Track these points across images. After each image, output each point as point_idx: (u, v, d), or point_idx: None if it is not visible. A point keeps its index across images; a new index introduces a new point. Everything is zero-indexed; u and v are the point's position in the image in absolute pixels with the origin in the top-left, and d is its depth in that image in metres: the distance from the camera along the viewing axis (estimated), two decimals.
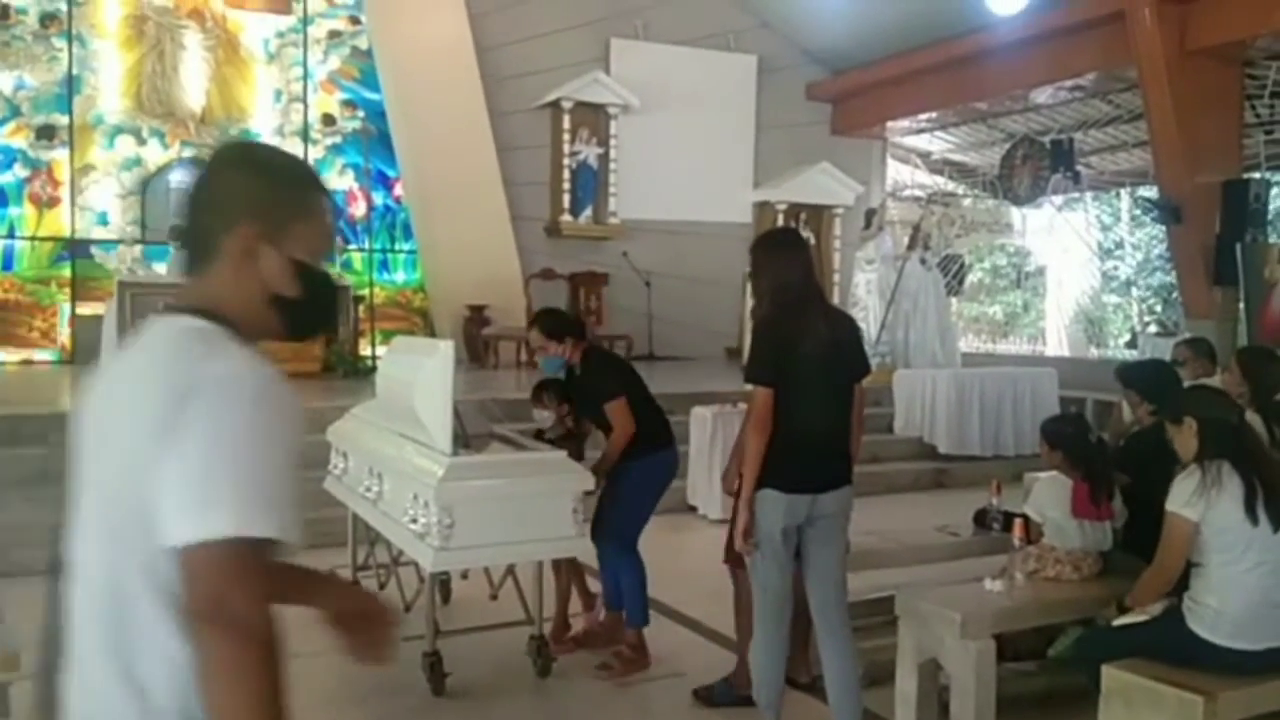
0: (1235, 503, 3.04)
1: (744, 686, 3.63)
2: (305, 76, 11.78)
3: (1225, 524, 3.04)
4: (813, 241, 13.82)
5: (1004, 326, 19.27)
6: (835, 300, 13.52)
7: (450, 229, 11.40)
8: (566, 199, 12.25)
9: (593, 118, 12.40)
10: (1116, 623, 3.29)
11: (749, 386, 3.30)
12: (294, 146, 11.66)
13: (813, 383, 3.20)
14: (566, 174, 12.24)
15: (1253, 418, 3.81)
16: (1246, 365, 4.34)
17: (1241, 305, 9.82)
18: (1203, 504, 3.07)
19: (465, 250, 11.33)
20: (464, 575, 4.58)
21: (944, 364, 9.70)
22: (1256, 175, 10.46)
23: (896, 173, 15.05)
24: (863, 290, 10.09)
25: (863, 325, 10.04)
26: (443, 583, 4.81)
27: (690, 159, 12.69)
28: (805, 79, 13.91)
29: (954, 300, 12.62)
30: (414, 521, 3.70)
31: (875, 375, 9.49)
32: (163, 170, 11.09)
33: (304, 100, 11.78)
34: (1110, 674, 3.07)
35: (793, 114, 13.74)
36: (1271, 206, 11.28)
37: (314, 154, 11.79)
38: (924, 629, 3.65)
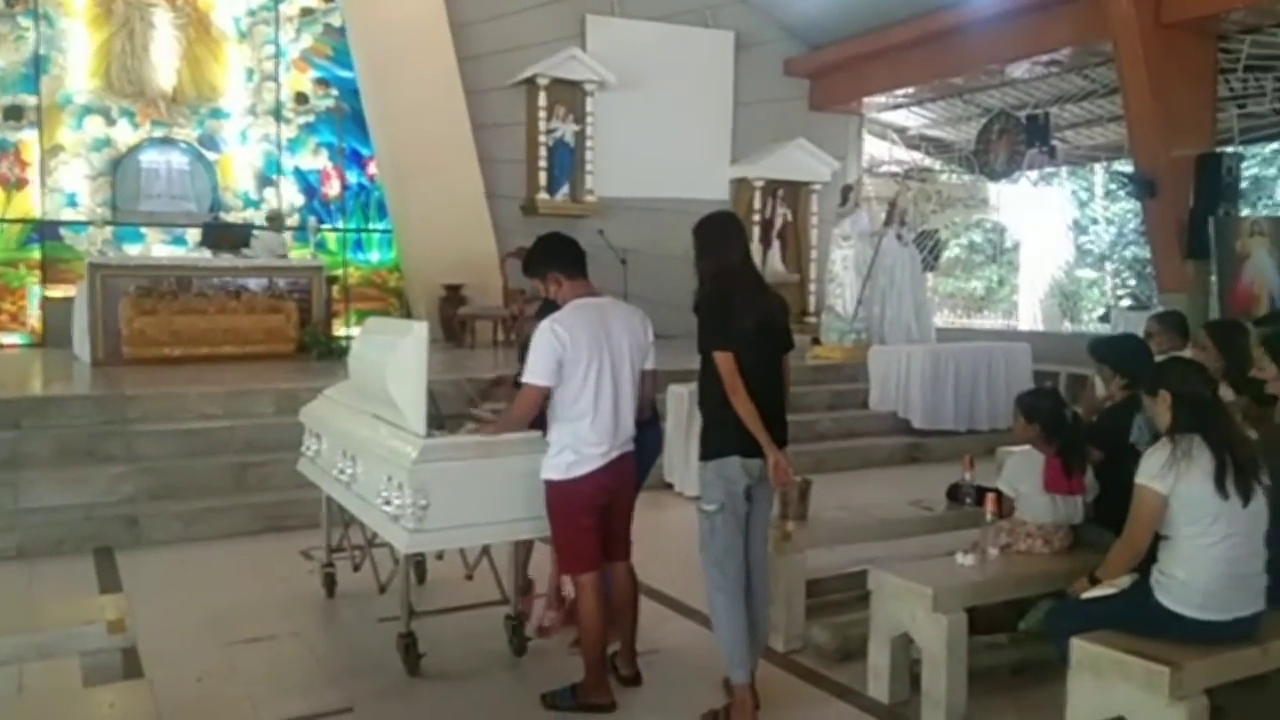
0: (1205, 476, 3.05)
1: (588, 695, 3.57)
2: (277, 55, 11.63)
3: (1194, 497, 3.06)
4: (790, 218, 13.85)
5: (980, 301, 19.37)
6: (813, 276, 13.64)
7: (425, 208, 11.32)
8: (543, 177, 12.17)
9: (569, 95, 12.31)
10: (1086, 595, 3.31)
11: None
12: (266, 125, 11.57)
13: (756, 355, 3.46)
14: (543, 152, 12.15)
15: (1225, 391, 3.85)
16: (1217, 338, 4.38)
17: (1214, 278, 9.90)
18: (1172, 477, 3.08)
19: (440, 229, 11.26)
20: (439, 556, 4.56)
21: (919, 339, 9.74)
22: (1229, 149, 10.51)
23: (873, 148, 15.03)
24: (839, 266, 10.08)
25: (839, 301, 10.09)
26: (418, 564, 4.80)
27: (667, 136, 12.63)
28: (782, 54, 13.85)
29: (930, 276, 12.65)
30: (388, 504, 3.69)
31: (851, 351, 9.67)
32: (133, 151, 10.95)
33: (276, 79, 11.63)
34: (1079, 646, 3.10)
35: (770, 90, 13.69)
36: (1244, 180, 11.37)
37: (286, 133, 11.67)
38: (896, 603, 3.68)
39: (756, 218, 13.48)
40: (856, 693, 3.79)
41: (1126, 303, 14.15)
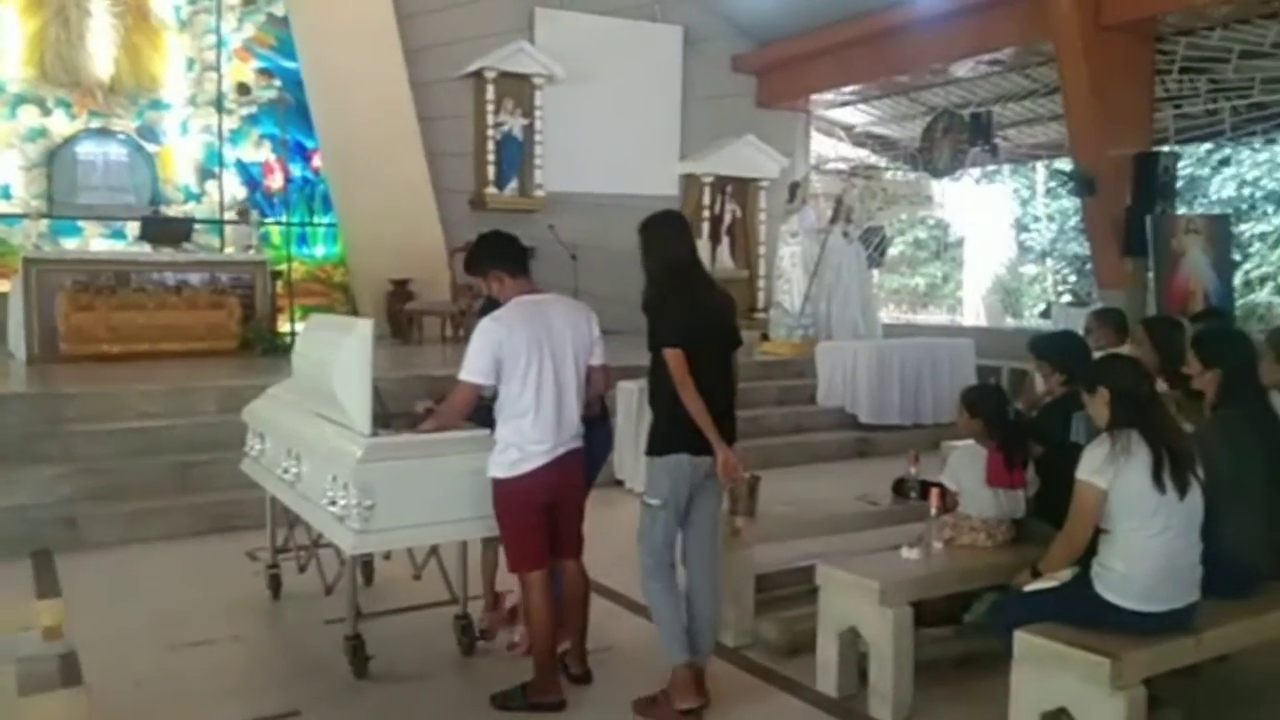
0: (1143, 471, 3.11)
1: (538, 694, 3.57)
2: (219, 44, 11.37)
3: (1133, 492, 3.12)
4: (739, 214, 13.91)
5: (924, 298, 19.66)
6: (761, 273, 13.71)
7: (371, 201, 11.17)
8: (491, 171, 12.08)
9: (517, 88, 12.23)
10: (1028, 588, 3.37)
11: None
12: (207, 116, 11.34)
13: (705, 352, 3.48)
14: (491, 145, 12.06)
15: (1161, 386, 3.94)
16: (1154, 335, 4.48)
17: (1151, 275, 10.13)
18: (1111, 472, 3.14)
19: (387, 223, 11.12)
20: (386, 556, 4.52)
21: (865, 335, 9.86)
22: (1166, 149, 10.76)
23: (820, 145, 15.15)
24: (787, 263, 10.17)
25: (787, 297, 10.17)
26: (365, 564, 4.75)
27: (616, 131, 12.61)
28: (731, 50, 13.89)
29: (875, 272, 12.79)
30: (333, 504, 3.64)
31: (799, 346, 9.75)
32: (70, 141, 10.64)
33: (218, 69, 11.39)
34: (1021, 638, 3.15)
35: (718, 86, 13.72)
36: (1180, 179, 11.64)
37: (229, 124, 11.44)
38: (844, 597, 3.72)
39: (706, 214, 13.52)
40: (805, 687, 3.82)
41: (1067, 299, 14.44)
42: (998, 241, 18.59)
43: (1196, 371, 3.68)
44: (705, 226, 13.45)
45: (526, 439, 3.49)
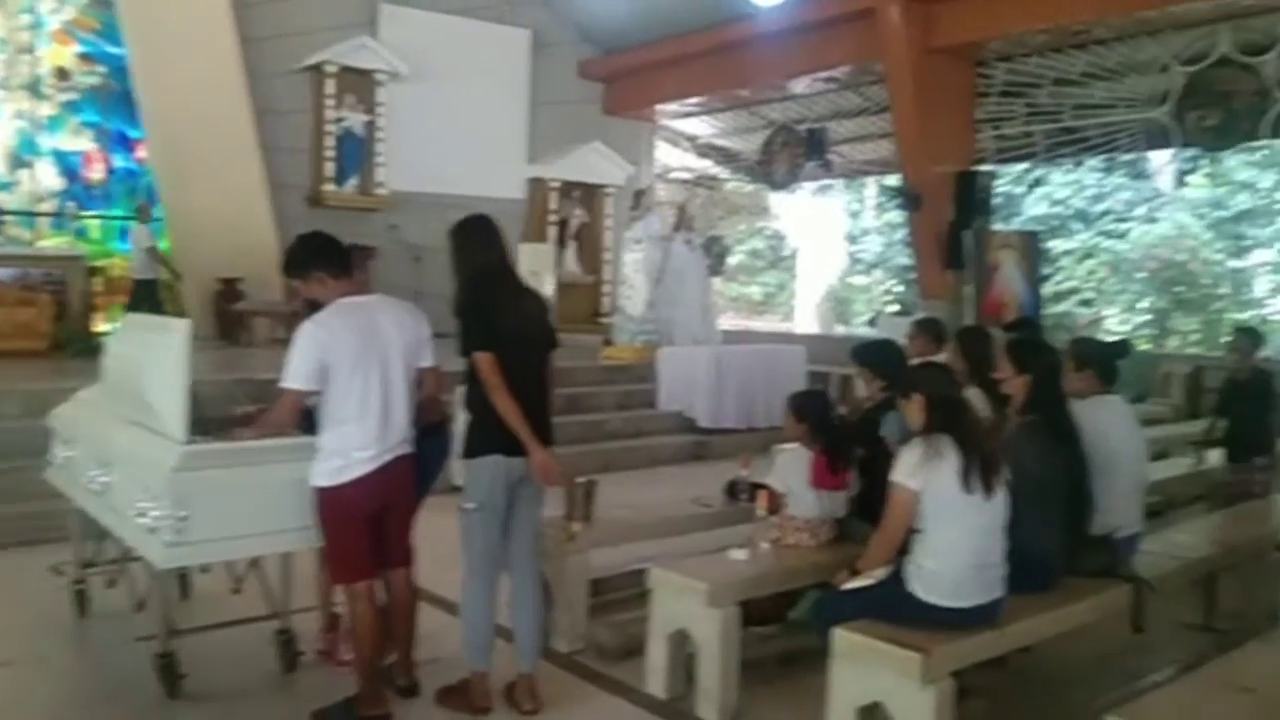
0: (953, 473, 3.26)
1: (363, 708, 3.49)
2: (36, 25, 10.66)
3: (944, 493, 3.27)
4: (587, 220, 13.97)
5: (761, 305, 20.26)
6: (607, 279, 13.80)
7: (200, 196, 10.67)
8: (330, 167, 11.74)
9: (359, 84, 11.93)
10: (846, 586, 3.49)
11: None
12: (21, 101, 10.58)
13: (518, 356, 3.51)
14: (330, 141, 11.73)
15: (974, 393, 4.16)
16: (964, 344, 4.74)
17: (969, 288, 10.74)
18: (924, 474, 3.28)
19: (217, 219, 10.64)
20: (204, 569, 4.30)
21: (705, 341, 10.06)
22: (985, 168, 11.43)
23: (665, 155, 15.39)
24: (631, 269, 10.27)
25: (630, 303, 10.28)
26: (181, 578, 4.51)
27: (462, 131, 12.47)
28: (578, 56, 13.95)
29: (716, 280, 13.06)
30: (144, 515, 3.43)
31: (641, 351, 9.85)
32: None
33: (33, 51, 10.65)
34: (840, 635, 3.26)
35: (566, 91, 13.75)
36: (997, 197, 12.36)
37: (45, 111, 10.71)
38: (674, 599, 3.77)
39: (553, 218, 13.52)
40: (635, 689, 3.86)
41: (893, 309, 15.12)
42: (830, 253, 19.34)
43: (1008, 376, 3.90)
44: (553, 231, 13.45)
45: (351, 445, 3.38)
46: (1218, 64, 9.54)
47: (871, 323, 14.87)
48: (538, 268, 11.62)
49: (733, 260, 17.02)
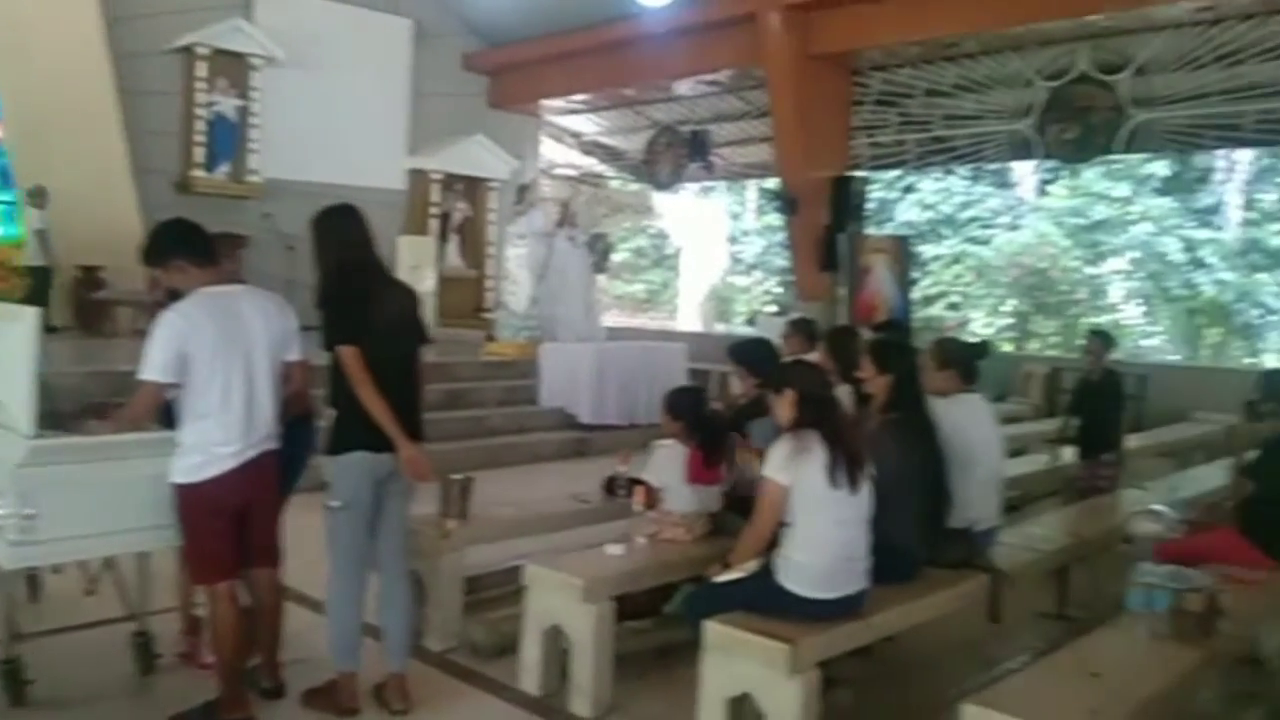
0: (820, 468, 3.35)
1: (225, 711, 3.37)
2: None
3: (811, 487, 3.35)
4: (470, 213, 13.81)
5: (645, 303, 20.44)
6: (488, 273, 13.68)
7: (61, 179, 10.10)
8: (200, 153, 11.32)
9: (232, 67, 11.54)
10: (718, 579, 3.55)
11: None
12: None
13: (386, 349, 3.42)
14: (201, 126, 11.30)
15: (843, 390, 4.29)
16: (833, 344, 4.88)
17: (844, 289, 11.06)
18: (793, 469, 3.36)
19: (78, 203, 10.10)
20: (55, 569, 4.09)
21: (588, 338, 10.07)
22: (859, 174, 11.76)
23: (551, 151, 15.34)
24: (514, 264, 10.21)
25: (513, 298, 10.21)
26: (30, 579, 4.27)
27: (341, 120, 12.18)
28: (463, 48, 13.78)
29: (601, 277, 13.12)
30: None
31: (524, 347, 9.80)
32: None
33: None
34: (710, 628, 3.30)
35: (450, 83, 13.57)
36: (871, 202, 12.73)
37: None
38: (549, 596, 3.77)
39: (435, 210, 13.33)
40: (509, 687, 3.83)
41: (771, 309, 15.43)
42: (712, 253, 19.63)
43: (871, 376, 4.03)
44: (434, 224, 13.26)
45: (212, 441, 3.25)
46: (1077, 80, 10.05)
47: (750, 322, 15.14)
48: (418, 261, 11.48)
49: (617, 258, 17.11)
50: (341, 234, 3.53)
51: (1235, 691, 3.91)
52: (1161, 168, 16.72)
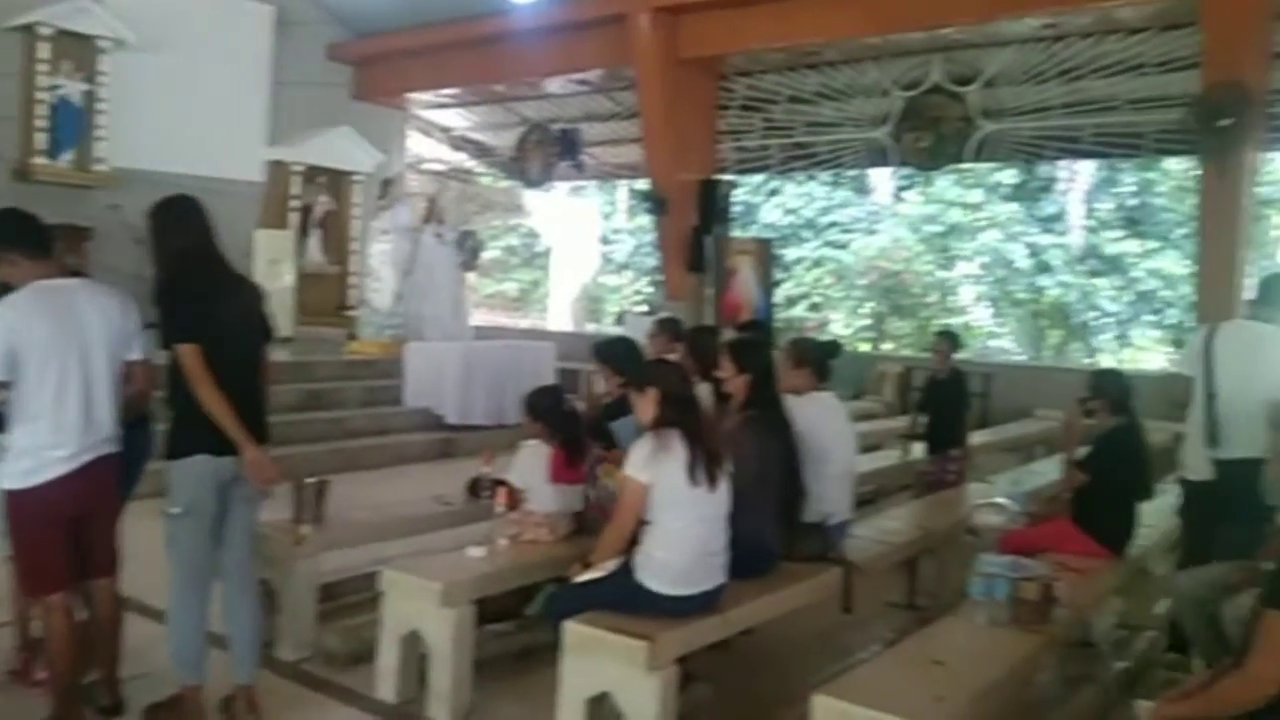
0: (680, 466, 3.40)
1: None
2: None
3: (671, 485, 3.40)
4: (334, 207, 13.43)
5: (516, 302, 20.31)
6: (352, 269, 13.33)
7: None
8: (42, 139, 10.65)
9: (78, 49, 10.88)
10: (579, 579, 3.56)
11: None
12: None
13: (228, 347, 3.27)
14: (43, 110, 10.64)
15: (704, 388, 4.36)
16: (693, 343, 4.97)
17: (710, 290, 11.24)
18: (654, 467, 3.41)
19: None
20: None
21: (456, 337, 9.95)
22: (726, 177, 11.97)
23: (418, 145, 15.06)
24: (378, 261, 10.00)
25: (377, 295, 10.00)
26: None
27: (196, 107, 11.64)
28: (327, 38, 13.38)
29: (470, 276, 12.96)
30: None
31: (388, 346, 9.62)
32: None
33: None
34: (570, 628, 3.31)
35: (313, 73, 13.15)
36: (737, 205, 12.97)
37: None
38: (406, 601, 3.71)
39: (295, 204, 12.91)
40: (365, 695, 3.76)
41: (641, 308, 15.55)
42: (584, 252, 19.66)
43: (730, 375, 4.11)
44: (294, 218, 12.84)
45: (43, 444, 3.08)
46: (930, 91, 10.46)
47: (618, 321, 15.24)
48: (277, 255, 11.12)
49: (486, 256, 16.93)
50: (181, 226, 3.36)
51: (1071, 674, 4.15)
52: (1009, 176, 17.56)
